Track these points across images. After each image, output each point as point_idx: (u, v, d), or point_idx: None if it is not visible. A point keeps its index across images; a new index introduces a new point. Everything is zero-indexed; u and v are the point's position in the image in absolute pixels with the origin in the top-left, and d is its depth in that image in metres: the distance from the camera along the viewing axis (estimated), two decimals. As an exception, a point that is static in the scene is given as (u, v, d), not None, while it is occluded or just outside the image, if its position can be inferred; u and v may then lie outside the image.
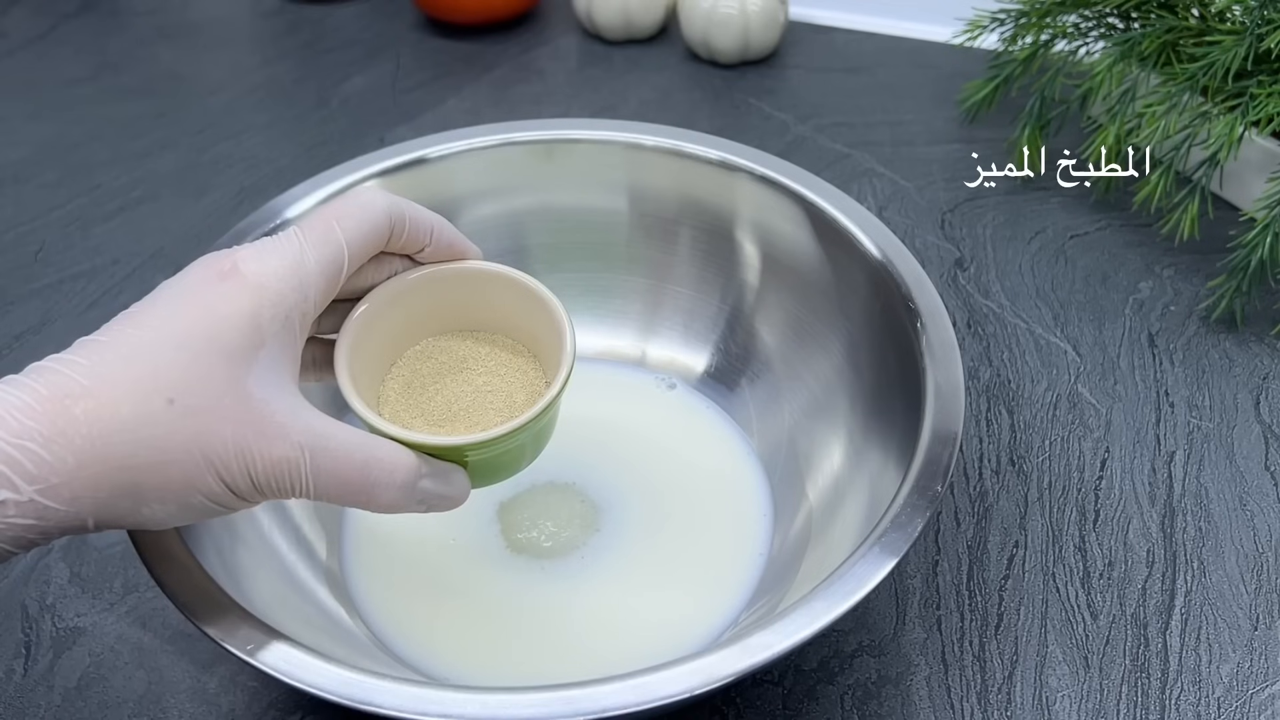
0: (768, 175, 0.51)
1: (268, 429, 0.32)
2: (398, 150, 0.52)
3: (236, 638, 0.34)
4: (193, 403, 0.31)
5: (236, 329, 0.32)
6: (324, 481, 0.33)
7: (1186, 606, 0.46)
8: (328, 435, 0.33)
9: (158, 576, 0.36)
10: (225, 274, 0.33)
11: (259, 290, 0.33)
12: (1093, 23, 0.68)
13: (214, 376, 0.31)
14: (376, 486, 0.34)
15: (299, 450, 0.32)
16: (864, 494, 0.44)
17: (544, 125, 0.54)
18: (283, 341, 0.33)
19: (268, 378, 0.32)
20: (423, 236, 0.38)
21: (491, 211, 0.54)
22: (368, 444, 0.34)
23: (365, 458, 0.34)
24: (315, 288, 0.34)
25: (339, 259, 0.35)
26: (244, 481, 0.32)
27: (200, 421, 0.31)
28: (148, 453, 0.31)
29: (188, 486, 0.31)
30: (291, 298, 0.33)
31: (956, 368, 0.42)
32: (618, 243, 0.55)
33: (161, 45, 0.87)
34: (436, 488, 0.36)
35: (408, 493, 0.35)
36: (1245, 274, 0.56)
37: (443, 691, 0.34)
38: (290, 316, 0.33)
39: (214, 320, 0.32)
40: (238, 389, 0.32)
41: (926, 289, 0.45)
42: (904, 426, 0.42)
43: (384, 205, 0.36)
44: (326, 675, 0.33)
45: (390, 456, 0.34)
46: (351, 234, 0.35)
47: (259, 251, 0.34)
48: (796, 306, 0.51)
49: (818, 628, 0.34)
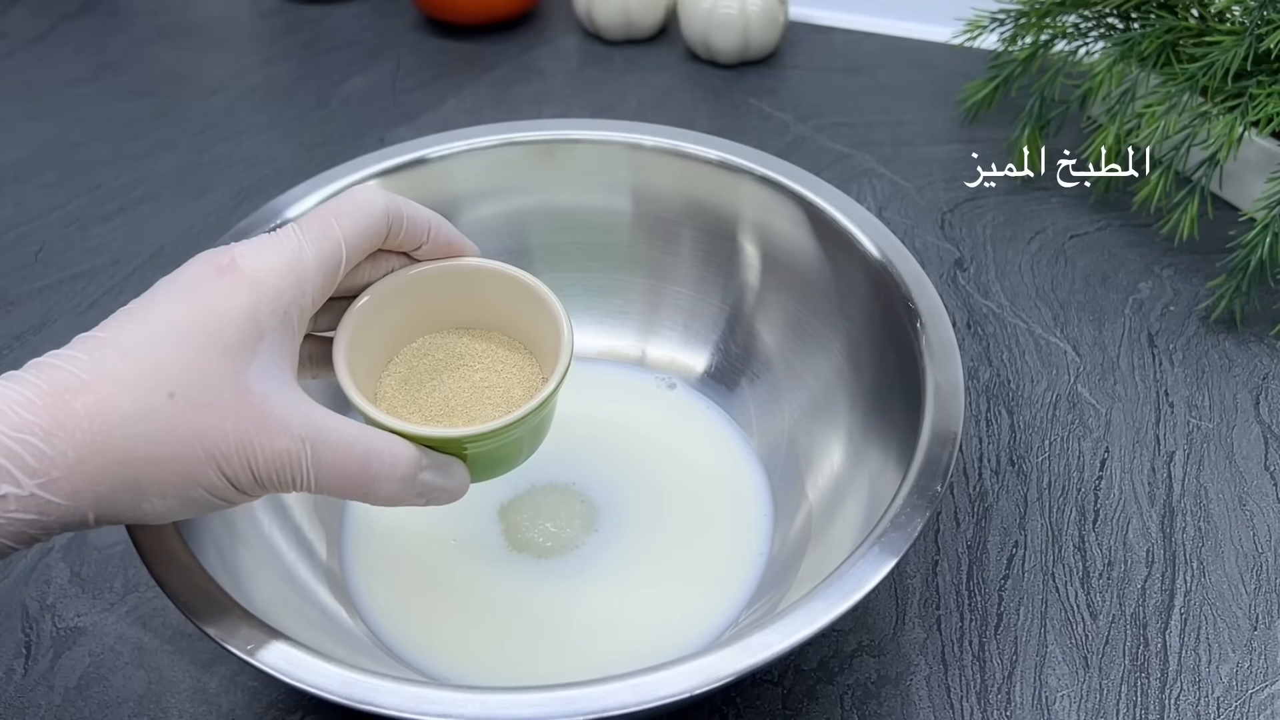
0: (768, 175, 0.51)
1: (268, 422, 0.32)
2: (398, 150, 0.52)
3: (237, 638, 0.34)
4: (193, 397, 0.31)
5: (236, 324, 0.32)
6: (325, 474, 0.33)
7: (1186, 606, 0.46)
8: (328, 428, 0.33)
9: (158, 576, 0.36)
10: (224, 269, 0.33)
11: (257, 285, 0.33)
12: (1092, 23, 0.68)
13: (214, 371, 0.31)
14: (377, 479, 0.34)
15: (300, 443, 0.32)
16: (864, 494, 0.44)
17: (544, 125, 0.54)
18: (281, 336, 0.33)
19: (267, 372, 0.33)
20: (420, 234, 0.38)
21: (492, 211, 0.54)
22: (367, 436, 0.34)
23: (366, 450, 0.34)
24: (313, 283, 0.34)
25: (337, 255, 0.35)
26: (245, 475, 0.32)
27: (201, 415, 0.31)
28: (148, 447, 0.31)
29: (189, 480, 0.31)
30: (290, 293, 0.33)
31: (956, 368, 0.42)
32: (618, 243, 0.55)
33: (161, 45, 0.87)
34: (436, 480, 0.36)
35: (408, 485, 0.35)
36: (1245, 274, 0.56)
37: (443, 691, 0.34)
38: (289, 312, 0.33)
39: (213, 315, 0.32)
40: (238, 383, 0.32)
41: (926, 289, 0.45)
42: (904, 426, 0.42)
43: (382, 203, 0.36)
44: (327, 675, 0.33)
45: (391, 449, 0.34)
46: (349, 231, 0.35)
47: (257, 247, 0.34)
48: (796, 306, 0.51)
49: (818, 628, 0.34)
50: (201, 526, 0.39)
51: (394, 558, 0.47)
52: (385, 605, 0.46)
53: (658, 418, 0.53)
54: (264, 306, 0.33)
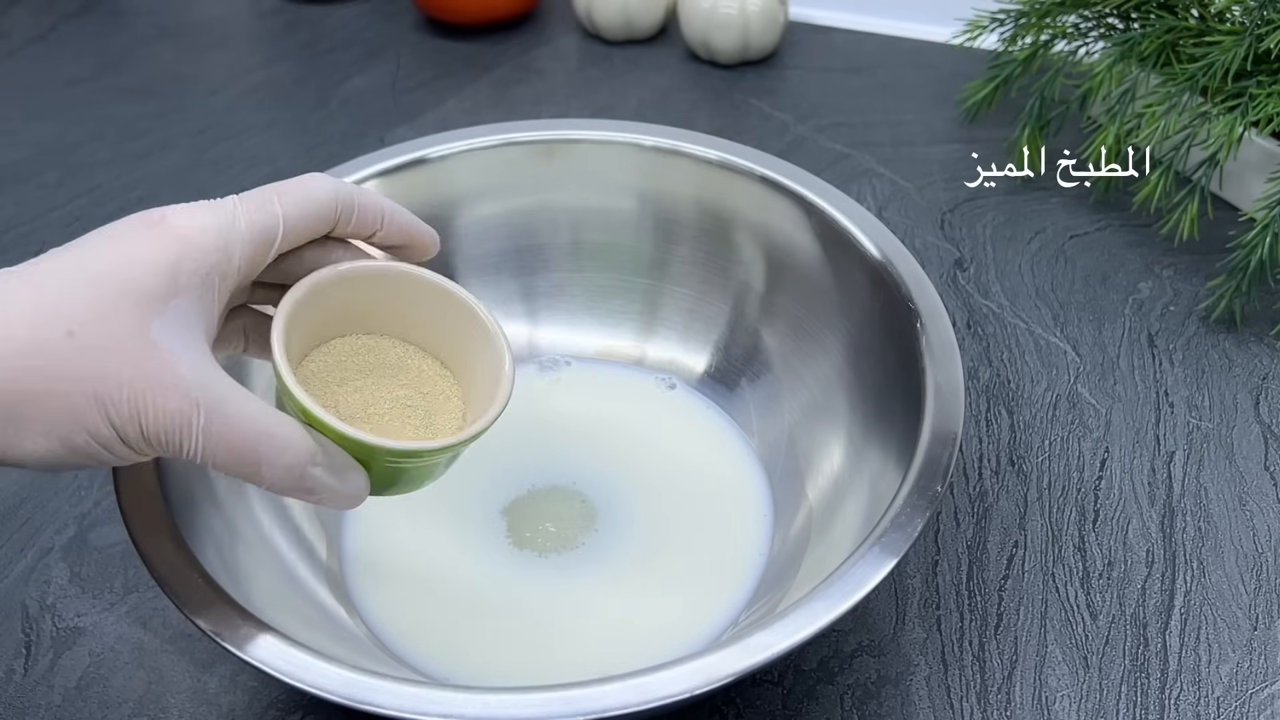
0: (768, 175, 0.51)
1: (166, 378, 0.31)
2: (398, 150, 0.52)
3: (237, 637, 0.34)
4: (93, 339, 0.30)
5: (152, 274, 0.32)
6: (213, 445, 0.32)
7: (1186, 606, 0.46)
8: (227, 399, 0.32)
9: (158, 576, 0.36)
10: (153, 224, 0.33)
11: (182, 241, 0.32)
12: (1092, 23, 0.68)
13: (121, 317, 0.31)
14: (264, 461, 0.33)
15: (194, 406, 0.31)
16: (864, 494, 0.44)
17: (545, 125, 0.54)
18: (199, 296, 0.33)
19: (177, 330, 0.32)
20: (373, 222, 0.37)
21: (492, 211, 0.54)
22: (267, 418, 0.33)
23: (260, 430, 0.33)
24: (241, 252, 0.34)
25: (272, 229, 0.34)
26: (133, 429, 0.31)
27: (98, 359, 0.31)
28: (38, 381, 0.30)
29: (74, 423, 0.31)
30: (215, 256, 0.33)
31: (956, 368, 0.42)
32: (618, 243, 0.55)
33: (161, 45, 0.87)
34: (328, 480, 0.34)
35: (295, 476, 0.33)
36: (1245, 274, 0.56)
37: (443, 691, 0.34)
38: (210, 274, 0.33)
39: (130, 263, 0.32)
40: (143, 333, 0.31)
41: (926, 289, 0.45)
42: (904, 427, 0.42)
43: (330, 188, 0.36)
44: (327, 675, 0.33)
45: (285, 434, 0.33)
46: (290, 209, 0.35)
47: (192, 208, 0.34)
48: (796, 307, 0.51)
49: (818, 628, 0.34)
50: (202, 526, 0.40)
51: (394, 557, 0.47)
52: (385, 605, 0.45)
53: (658, 418, 0.53)
54: (185, 264, 0.32)
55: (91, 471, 0.52)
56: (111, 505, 0.51)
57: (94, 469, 0.37)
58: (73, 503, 0.51)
